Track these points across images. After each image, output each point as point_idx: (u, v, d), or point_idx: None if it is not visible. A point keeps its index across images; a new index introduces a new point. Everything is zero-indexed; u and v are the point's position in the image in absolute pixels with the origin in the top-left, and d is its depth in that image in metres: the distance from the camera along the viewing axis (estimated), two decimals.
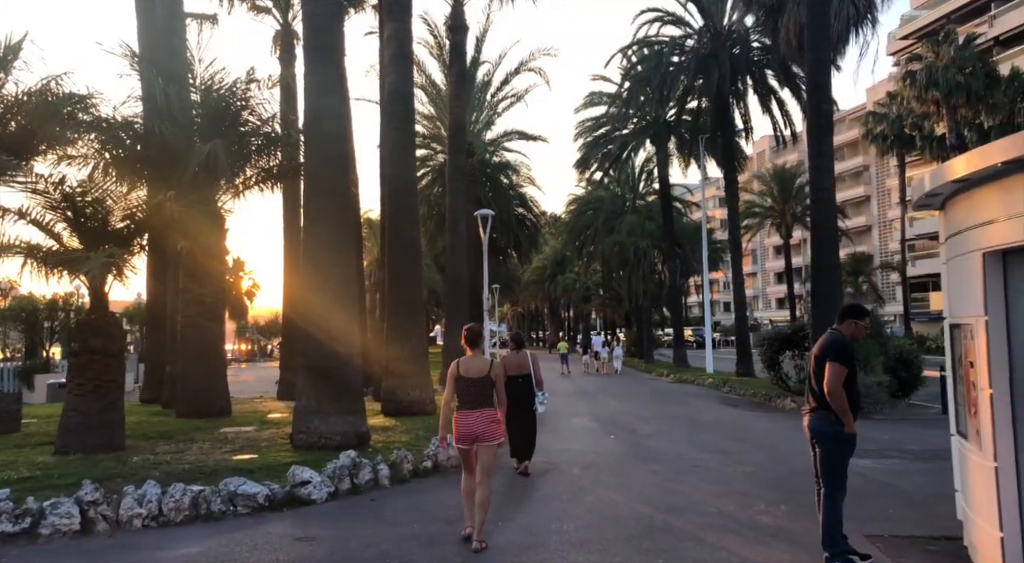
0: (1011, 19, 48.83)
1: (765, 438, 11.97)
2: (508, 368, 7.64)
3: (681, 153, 35.85)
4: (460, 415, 6.01)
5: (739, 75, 26.25)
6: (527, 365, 9.05)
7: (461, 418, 5.99)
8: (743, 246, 66.92)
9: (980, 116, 40.41)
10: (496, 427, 6.02)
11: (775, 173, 59.92)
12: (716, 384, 23.05)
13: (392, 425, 11.83)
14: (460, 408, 6.03)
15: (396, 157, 13.52)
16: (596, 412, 16.30)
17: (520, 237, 45.65)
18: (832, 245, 16.77)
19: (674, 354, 35.59)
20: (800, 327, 18.09)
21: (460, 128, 20.25)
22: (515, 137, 36.95)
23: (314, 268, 9.77)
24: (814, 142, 16.60)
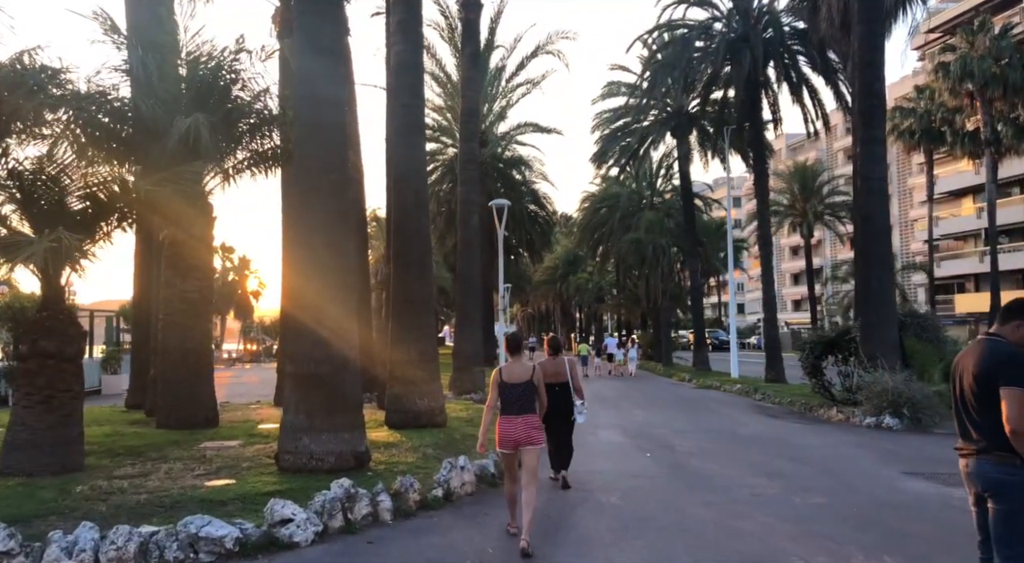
0: None
1: (823, 457, 10.42)
2: (545, 375, 6.92)
3: (703, 147, 34.28)
4: (503, 420, 6.14)
5: (771, 60, 24.62)
6: (564, 372, 8.39)
7: (504, 423, 6.13)
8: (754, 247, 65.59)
9: (1017, 109, 38.58)
10: (538, 433, 6.17)
11: (796, 171, 58.16)
12: (746, 391, 21.46)
13: (397, 440, 10.35)
14: (503, 413, 6.15)
15: (403, 136, 12.05)
16: (623, 423, 14.77)
17: (532, 235, 44.18)
18: (885, 238, 15.21)
19: (694, 357, 34.00)
20: (846, 330, 16.49)
21: (472, 113, 18.79)
22: (529, 130, 35.53)
23: (304, 257, 8.31)
24: (864, 126, 15.03)
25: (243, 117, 12.25)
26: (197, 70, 12.32)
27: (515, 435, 6.05)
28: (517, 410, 6.09)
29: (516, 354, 6.40)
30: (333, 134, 8.31)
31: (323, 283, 8.17)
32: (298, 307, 8.45)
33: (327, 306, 8.18)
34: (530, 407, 6.16)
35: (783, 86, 25.20)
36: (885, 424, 13.52)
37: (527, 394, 6.13)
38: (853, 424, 14.10)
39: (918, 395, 13.57)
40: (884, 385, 13.82)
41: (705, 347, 33.61)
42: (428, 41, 25.72)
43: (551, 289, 67.81)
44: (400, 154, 12.15)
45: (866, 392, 14.22)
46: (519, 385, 6.13)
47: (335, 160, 8.34)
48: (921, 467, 9.57)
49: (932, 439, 12.27)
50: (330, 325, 8.17)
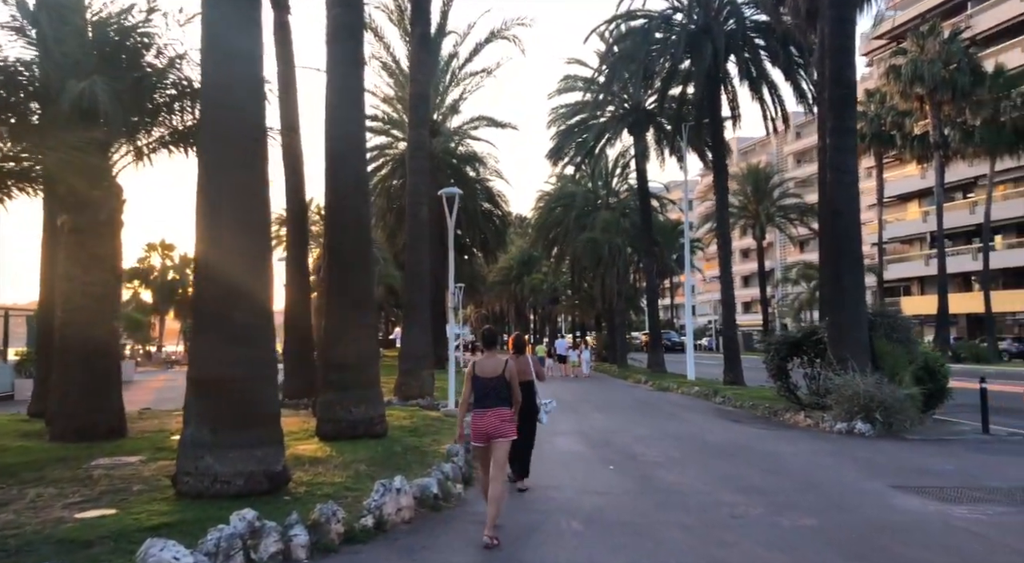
0: (988, 18, 47.85)
1: (801, 469, 9.50)
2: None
3: (659, 145, 33.61)
4: (475, 414, 6.34)
5: (732, 54, 23.97)
6: (529, 371, 8.12)
7: (476, 417, 6.32)
8: (708, 249, 65.72)
9: (964, 113, 39.02)
10: (510, 426, 6.32)
11: (749, 172, 58.37)
12: (705, 393, 20.67)
13: (326, 455, 9.05)
14: (476, 407, 6.33)
15: (341, 111, 10.76)
16: (582, 429, 13.72)
17: (487, 234, 43.00)
18: (855, 235, 14.48)
19: (650, 359, 33.29)
20: (812, 331, 15.75)
21: (422, 98, 17.54)
22: (483, 124, 34.32)
23: (211, 242, 6.98)
24: (834, 116, 14.29)
25: (157, 87, 10.83)
26: (105, 33, 10.86)
27: (487, 428, 6.25)
28: (489, 404, 6.28)
29: (490, 349, 6.59)
30: (245, 94, 7.01)
31: (233, 271, 6.87)
32: (204, 300, 7.12)
33: (237, 299, 6.88)
34: (503, 401, 6.32)
35: (743, 82, 24.56)
36: (857, 430, 12.75)
37: (499, 388, 6.31)
38: (823, 430, 13.31)
39: (890, 399, 12.83)
40: (855, 388, 13.06)
41: (661, 348, 32.96)
42: (377, 24, 24.33)
43: (505, 290, 66.70)
44: (337, 131, 10.86)
45: (836, 396, 13.45)
46: (491, 379, 6.31)
47: (247, 125, 7.04)
48: (907, 479, 8.72)
49: (908, 446, 11.53)
50: (241, 321, 6.88)
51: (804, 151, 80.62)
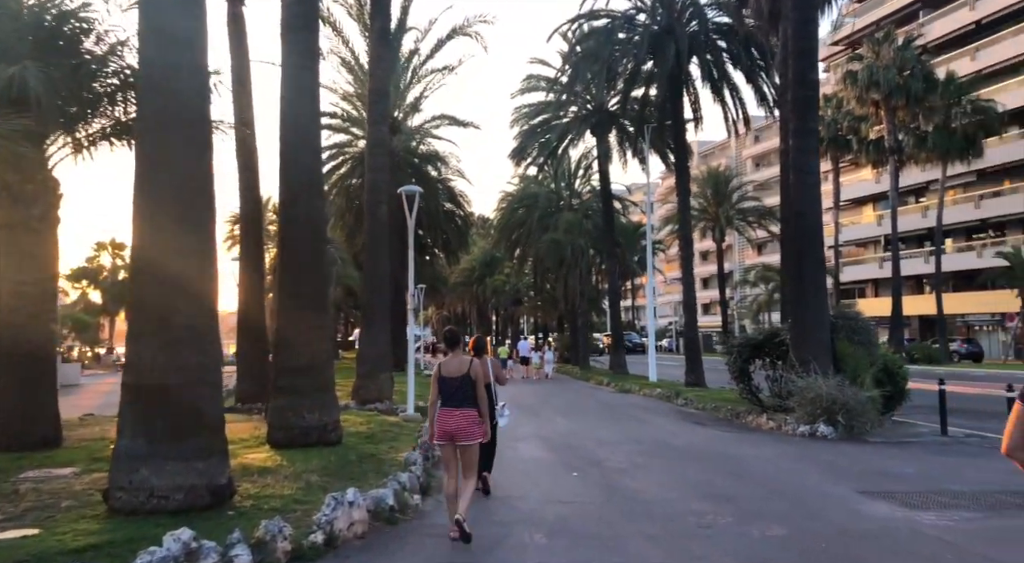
0: (939, 26, 49.05)
1: (767, 474, 9.34)
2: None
3: (622, 146, 33.61)
4: (441, 414, 6.31)
5: (695, 55, 23.98)
6: (487, 373, 7.75)
7: (442, 416, 6.29)
8: (669, 252, 66.23)
9: (917, 119, 39.87)
10: (476, 427, 6.30)
11: (709, 175, 58.96)
12: (667, 395, 20.57)
13: (276, 464, 8.59)
14: (442, 407, 6.32)
15: (295, 103, 10.28)
16: (545, 433, 13.43)
17: (449, 235, 42.54)
18: (818, 236, 14.47)
19: (611, 360, 33.25)
20: (774, 333, 15.72)
21: (381, 93, 17.07)
22: (445, 123, 33.86)
23: (149, 239, 6.50)
24: (797, 117, 14.26)
25: (97, 76, 10.24)
26: (40, 17, 10.23)
27: (451, 428, 6.22)
28: (455, 404, 6.26)
29: (454, 349, 6.61)
30: (188, 81, 6.53)
31: (173, 270, 6.39)
32: (142, 300, 6.63)
33: (178, 300, 6.41)
34: (468, 401, 6.28)
35: (705, 84, 24.61)
36: (820, 432, 12.70)
37: (464, 388, 6.28)
38: (786, 432, 13.25)
39: (852, 401, 12.81)
40: (818, 391, 13.00)
41: (623, 350, 32.93)
42: (335, 18, 23.75)
43: (467, 291, 66.18)
44: (291, 125, 10.38)
45: (798, 398, 13.39)
46: (456, 379, 6.29)
47: (190, 115, 6.56)
48: (872, 484, 8.61)
49: (870, 449, 11.49)
50: (183, 323, 6.41)
51: (763, 155, 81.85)
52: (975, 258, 47.11)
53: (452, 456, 6.32)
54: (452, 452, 6.30)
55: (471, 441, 6.24)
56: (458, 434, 6.19)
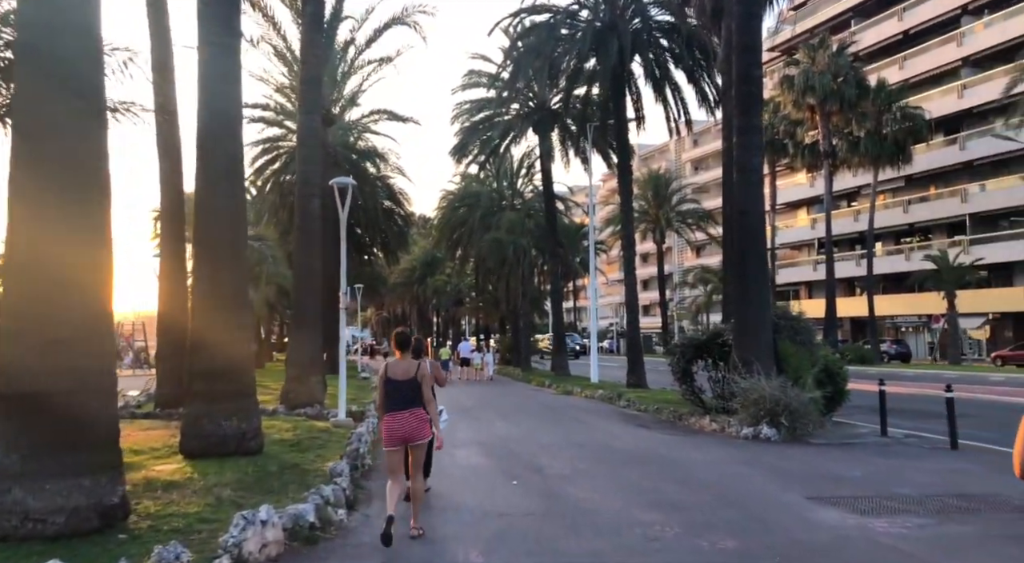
0: (871, 35, 50.56)
1: (714, 480, 8.99)
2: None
3: (564, 145, 33.34)
4: (389, 417, 6.29)
5: (637, 53, 23.80)
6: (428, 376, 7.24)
7: (390, 420, 6.28)
8: (610, 253, 66.61)
9: (851, 124, 40.89)
10: (426, 427, 6.30)
11: (650, 178, 59.46)
12: (609, 397, 20.26)
13: (186, 477, 7.77)
14: (388, 410, 6.30)
15: (214, 83, 9.44)
16: (483, 438, 12.85)
17: (388, 234, 41.62)
18: (761, 235, 14.33)
19: (553, 362, 32.94)
20: (717, 333, 15.51)
21: (313, 81, 16.22)
22: (384, 118, 33.01)
23: (25, 223, 5.66)
24: (741, 113, 14.08)
25: None
26: None
27: (401, 431, 6.22)
28: (402, 406, 6.25)
29: (403, 351, 6.52)
30: (77, 48, 5.71)
31: (56, 263, 5.58)
32: (15, 297, 5.76)
33: (61, 297, 5.59)
34: (416, 402, 6.28)
35: (648, 82, 24.47)
36: (763, 435, 12.49)
37: (412, 390, 6.28)
38: (729, 434, 13.01)
39: (795, 403, 12.64)
40: (761, 392, 12.80)
41: (565, 351, 32.64)
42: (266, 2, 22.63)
43: (407, 292, 65.16)
44: (210, 108, 9.54)
45: (742, 400, 13.18)
46: (404, 381, 6.29)
47: (78, 82, 5.74)
48: (821, 489, 8.34)
49: (814, 451, 11.30)
50: (66, 322, 5.60)
51: (701, 158, 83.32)
52: (904, 261, 48.73)
53: (399, 464, 6.34)
54: (400, 458, 6.32)
55: (422, 440, 6.31)
56: (410, 436, 6.24)
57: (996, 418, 15.61)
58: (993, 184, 44.57)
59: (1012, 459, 2.78)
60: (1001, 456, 10.76)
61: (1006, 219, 43.58)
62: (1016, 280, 42.60)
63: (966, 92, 45.18)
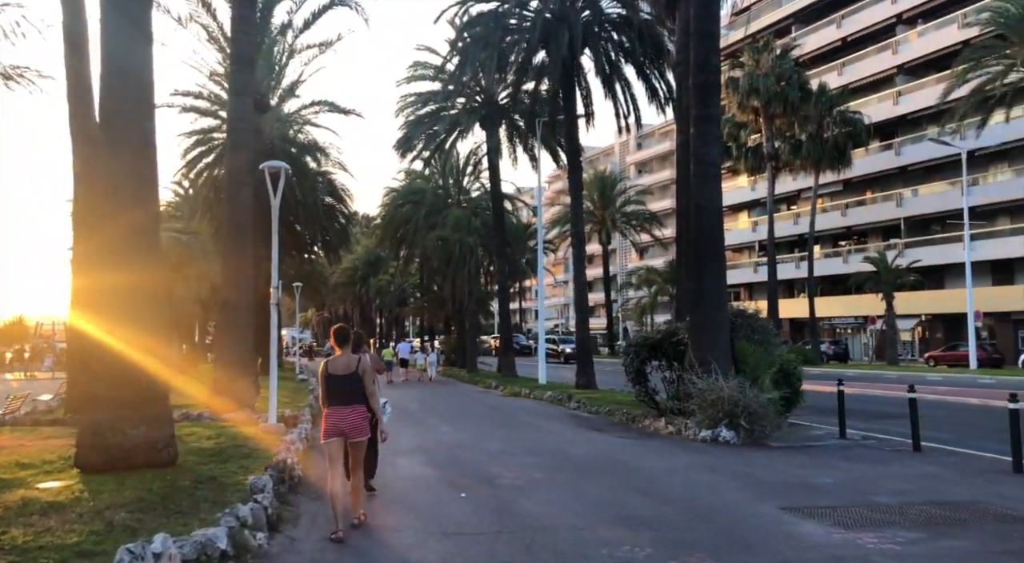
0: (812, 41, 51.43)
1: (681, 490, 8.29)
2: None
3: (512, 142, 32.59)
4: (329, 412, 6.26)
5: (589, 45, 23.18)
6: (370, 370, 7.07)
7: (330, 415, 6.25)
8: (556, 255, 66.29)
9: (793, 128, 41.35)
10: (365, 423, 6.33)
11: (596, 178, 59.37)
12: (558, 398, 19.55)
13: (74, 497, 6.61)
14: (329, 405, 6.28)
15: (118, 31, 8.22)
16: (428, 445, 11.92)
17: (329, 231, 40.16)
18: (719, 231, 13.80)
19: (500, 362, 32.13)
20: (672, 332, 14.90)
21: (244, 61, 14.98)
22: (325, 109, 31.55)
23: None
24: (698, 102, 13.53)
25: None
26: None
27: (341, 426, 6.21)
28: (343, 402, 6.23)
29: (343, 347, 6.45)
30: None
31: None
32: None
33: None
34: (357, 399, 6.27)
35: (598, 76, 23.89)
36: (722, 438, 11.93)
37: (353, 386, 6.27)
38: (686, 437, 12.42)
39: (754, 404, 12.12)
40: (719, 393, 12.24)
41: (512, 351, 31.85)
42: None
43: (350, 291, 63.48)
44: (115, 69, 8.36)
45: (699, 401, 12.60)
46: (344, 377, 6.27)
47: None
48: (795, 499, 7.73)
49: (777, 456, 10.76)
50: None
51: (645, 161, 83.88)
52: (841, 264, 49.67)
53: (339, 453, 6.27)
54: (339, 448, 6.27)
55: (362, 437, 6.30)
56: (349, 431, 6.20)
57: (946, 418, 15.51)
58: (925, 189, 45.80)
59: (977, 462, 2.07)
60: (963, 458, 10.44)
61: (938, 223, 44.81)
62: (947, 283, 43.80)
63: (901, 99, 46.33)
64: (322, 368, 6.38)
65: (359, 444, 6.31)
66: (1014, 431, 9.36)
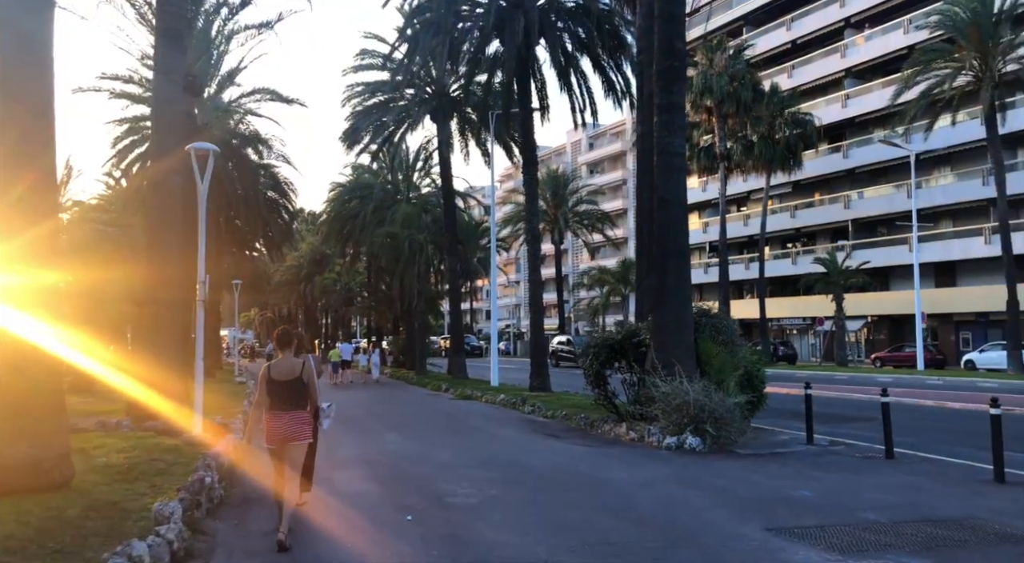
0: (763, 43, 51.75)
1: (652, 507, 7.48)
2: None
3: (463, 136, 31.63)
4: (270, 417, 6.15)
5: (545, 34, 22.35)
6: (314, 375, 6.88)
7: (271, 420, 6.14)
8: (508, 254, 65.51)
9: (746, 128, 41.39)
10: (306, 428, 6.24)
11: (549, 177, 58.65)
12: (512, 402, 18.65)
13: None
14: (270, 409, 6.15)
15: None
16: (371, 455, 10.87)
17: (272, 226, 38.50)
18: (683, 226, 13.09)
19: (450, 363, 31.11)
20: (633, 332, 14.14)
21: (173, 35, 13.63)
22: (267, 98, 30.07)
23: None
24: (663, 90, 12.80)
25: None
26: None
27: (282, 431, 6.10)
28: (285, 407, 6.13)
29: (285, 350, 6.39)
30: None
31: None
32: None
33: None
34: (299, 404, 6.20)
35: (553, 67, 23.10)
36: (688, 445, 11.21)
37: (295, 390, 6.17)
38: (650, 444, 11.67)
39: (720, 409, 11.43)
40: (684, 397, 11.52)
41: (463, 352, 30.87)
42: None
43: (294, 290, 61.44)
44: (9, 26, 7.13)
45: (663, 406, 11.86)
46: (287, 382, 6.16)
47: None
48: (778, 517, 7.00)
49: (747, 464, 10.08)
50: None
51: (597, 161, 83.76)
52: (790, 265, 50.10)
53: (283, 459, 6.18)
54: (283, 455, 6.17)
55: (301, 441, 6.18)
56: (289, 436, 6.10)
57: (907, 421, 15.09)
58: (872, 191, 46.48)
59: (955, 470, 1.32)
60: (939, 465, 9.93)
61: (884, 226, 45.51)
62: (892, 284, 44.50)
63: (849, 102, 46.91)
64: (263, 371, 6.24)
65: (299, 449, 6.19)
66: (996, 438, 8.84)
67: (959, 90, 31.98)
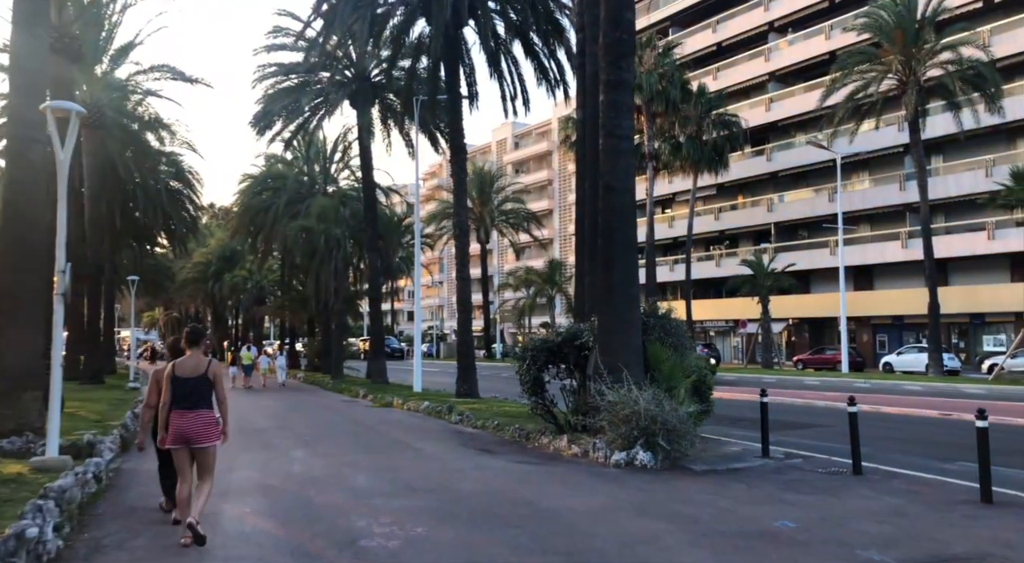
0: (690, 44, 51.83)
1: (611, 546, 6.12)
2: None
3: (385, 125, 29.80)
4: (174, 415, 6.03)
5: (474, 16, 20.86)
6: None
7: (176, 418, 6.02)
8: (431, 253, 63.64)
9: (675, 128, 41.07)
10: (213, 429, 6.13)
11: (475, 175, 57.18)
12: (438, 410, 17.01)
13: None
14: (175, 408, 6.04)
15: None
16: (272, 480, 9.08)
17: (175, 219, 35.62)
18: (631, 216, 11.86)
19: (370, 367, 29.20)
20: (574, 334, 12.78)
21: None
22: (167, 76, 27.36)
23: None
24: (610, 65, 11.54)
25: None
26: None
27: (186, 431, 5.97)
28: (190, 405, 6.01)
29: (194, 347, 6.30)
30: None
31: None
32: None
33: None
34: (205, 403, 6.10)
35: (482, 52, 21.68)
36: (639, 461, 9.94)
37: (201, 388, 6.08)
38: (596, 461, 10.36)
39: (673, 420, 10.21)
40: (633, 407, 10.25)
41: (383, 355, 29.02)
42: None
43: (201, 289, 57.67)
44: None
45: (609, 416, 10.56)
46: (192, 379, 6.07)
47: None
48: (766, 558, 5.75)
49: (708, 485, 8.87)
50: None
51: (522, 161, 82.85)
52: (714, 267, 50.32)
53: (186, 461, 6.06)
54: (186, 456, 6.04)
55: (208, 443, 6.05)
56: (193, 437, 5.97)
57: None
58: (793, 195, 47.14)
59: None
60: (911, 482, 9.00)
61: (804, 229, 46.18)
62: (812, 287, 45.15)
63: (773, 105, 47.44)
64: (168, 369, 6.13)
65: (205, 451, 6.03)
66: (983, 453, 7.92)
67: (883, 94, 32.35)
